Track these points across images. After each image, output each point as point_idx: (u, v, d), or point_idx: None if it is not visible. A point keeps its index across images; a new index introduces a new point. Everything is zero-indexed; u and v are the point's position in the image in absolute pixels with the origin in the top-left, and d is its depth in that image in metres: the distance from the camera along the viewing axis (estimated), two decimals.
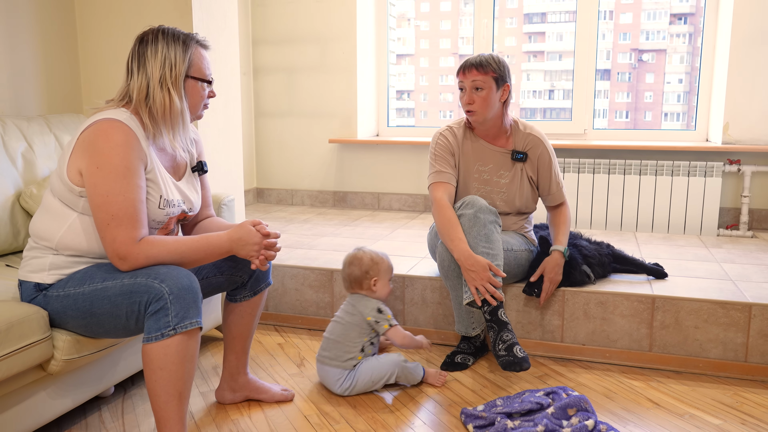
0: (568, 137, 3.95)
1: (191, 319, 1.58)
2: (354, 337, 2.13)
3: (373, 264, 2.21)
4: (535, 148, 2.40)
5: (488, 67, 2.27)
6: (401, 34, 6.00)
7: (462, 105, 2.34)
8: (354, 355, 2.13)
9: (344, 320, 2.17)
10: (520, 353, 2.07)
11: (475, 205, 2.24)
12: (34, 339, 1.61)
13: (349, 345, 2.13)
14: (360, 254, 2.24)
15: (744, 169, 3.47)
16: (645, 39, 7.53)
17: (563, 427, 1.82)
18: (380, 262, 2.23)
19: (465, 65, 2.31)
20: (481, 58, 2.29)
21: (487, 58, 2.29)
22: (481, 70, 2.27)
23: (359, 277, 2.20)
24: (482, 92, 2.28)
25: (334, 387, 2.11)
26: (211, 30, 2.83)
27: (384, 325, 2.13)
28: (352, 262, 2.23)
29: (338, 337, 2.14)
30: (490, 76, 2.27)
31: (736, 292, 2.36)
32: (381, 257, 2.25)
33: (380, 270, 2.21)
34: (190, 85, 1.74)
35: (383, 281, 2.22)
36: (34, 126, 2.49)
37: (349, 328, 2.14)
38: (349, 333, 2.14)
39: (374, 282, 2.20)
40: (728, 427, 1.91)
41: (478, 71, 2.27)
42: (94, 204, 1.60)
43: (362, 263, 2.21)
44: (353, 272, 2.22)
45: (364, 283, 2.20)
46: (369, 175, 4.29)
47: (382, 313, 2.14)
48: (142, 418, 1.99)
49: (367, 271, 2.20)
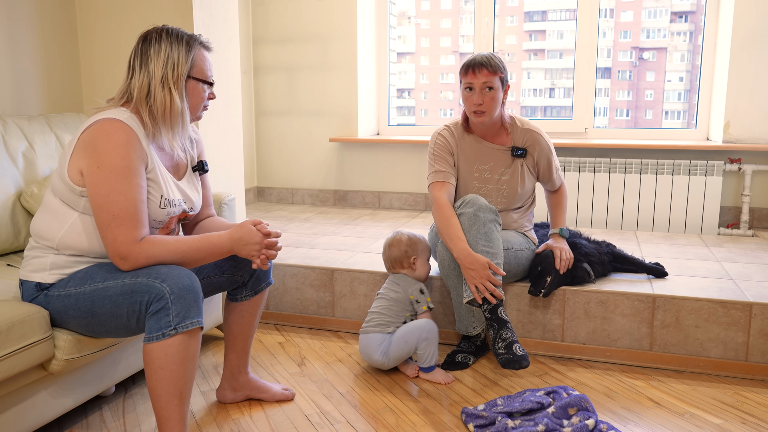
0: (568, 136, 3.94)
1: (192, 318, 1.58)
2: (397, 311, 2.28)
3: (412, 244, 2.34)
4: (534, 143, 2.41)
5: (497, 67, 2.27)
6: (402, 33, 5.99)
7: (469, 105, 2.30)
8: (399, 322, 2.27)
9: (389, 296, 2.30)
10: (519, 351, 2.08)
11: (475, 204, 2.24)
12: (35, 338, 1.61)
13: (392, 318, 2.27)
14: (399, 236, 2.37)
15: (745, 167, 3.47)
16: (646, 37, 7.52)
17: (564, 426, 1.82)
18: (418, 243, 2.36)
19: (474, 65, 2.27)
20: (489, 58, 2.27)
21: (494, 58, 2.28)
22: (491, 70, 2.25)
23: (399, 258, 2.34)
24: (492, 92, 2.27)
25: (376, 353, 2.23)
26: (211, 29, 2.83)
27: (423, 306, 2.27)
28: (392, 244, 2.37)
29: (383, 310, 2.29)
30: (498, 77, 2.27)
31: (736, 291, 2.36)
32: (418, 238, 2.37)
33: (418, 249, 2.35)
34: (191, 85, 1.74)
35: (422, 260, 2.35)
36: (35, 125, 2.49)
37: (394, 303, 2.29)
38: (393, 307, 2.29)
39: (414, 260, 2.33)
40: (729, 426, 1.91)
41: (488, 71, 2.25)
42: (95, 204, 1.60)
43: (401, 244, 2.35)
44: (393, 253, 2.35)
45: (404, 262, 2.34)
46: (369, 174, 4.29)
47: (424, 294, 2.28)
48: (143, 417, 1.99)
49: (406, 251, 2.34)
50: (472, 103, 2.28)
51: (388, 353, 2.22)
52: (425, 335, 2.20)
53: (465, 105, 2.33)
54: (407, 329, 2.23)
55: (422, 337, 2.20)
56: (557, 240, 2.45)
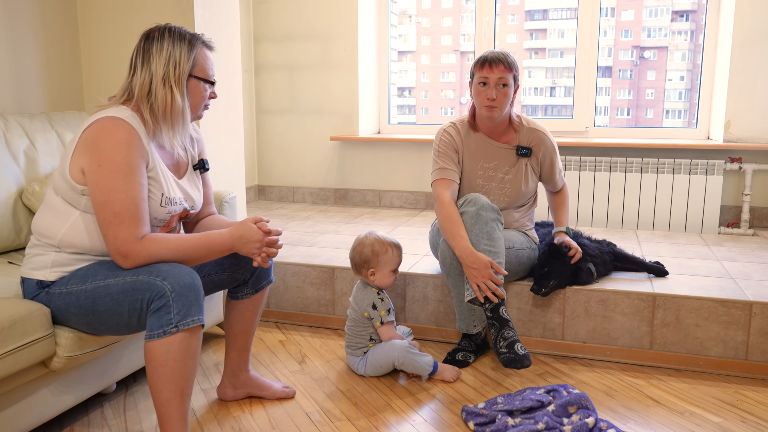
0: (569, 135, 3.95)
1: (193, 316, 1.59)
2: (360, 331, 2.25)
3: (373, 255, 2.21)
4: (540, 143, 2.41)
5: (513, 65, 2.27)
6: (402, 31, 5.99)
7: (482, 99, 2.29)
8: (364, 345, 2.24)
9: (351, 315, 2.26)
10: (521, 350, 2.08)
11: (478, 202, 2.24)
12: (37, 336, 1.61)
13: (358, 337, 2.24)
14: (365, 241, 2.24)
15: (745, 167, 3.47)
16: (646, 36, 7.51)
17: (564, 424, 1.83)
18: (381, 254, 2.21)
19: (491, 60, 2.26)
20: (506, 55, 2.27)
21: (510, 56, 2.29)
22: (507, 66, 2.26)
23: (358, 264, 2.24)
24: (505, 89, 2.28)
25: (359, 372, 2.25)
26: (213, 27, 2.83)
27: (376, 322, 2.19)
28: (355, 248, 2.26)
29: (349, 330, 2.27)
30: (512, 74, 2.28)
31: (736, 290, 2.37)
32: (385, 247, 2.22)
33: (380, 262, 2.21)
34: (192, 84, 1.74)
35: (382, 273, 2.22)
36: (36, 123, 2.50)
37: (355, 322, 2.25)
38: (356, 327, 2.25)
39: (371, 273, 2.22)
40: (728, 425, 1.92)
41: (504, 67, 2.25)
42: (96, 202, 1.60)
43: (363, 251, 2.22)
44: (354, 258, 2.25)
45: (362, 271, 2.24)
46: (370, 173, 4.30)
47: (377, 310, 2.19)
48: (144, 414, 1.99)
49: (366, 261, 2.22)
50: (485, 98, 2.28)
51: (368, 373, 2.22)
52: (395, 357, 2.16)
53: (477, 99, 2.32)
54: (376, 356, 2.19)
55: (396, 361, 2.17)
56: (564, 238, 2.46)
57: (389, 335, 2.20)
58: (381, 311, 2.19)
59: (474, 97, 2.34)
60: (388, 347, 2.18)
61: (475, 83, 2.32)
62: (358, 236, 2.29)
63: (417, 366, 2.16)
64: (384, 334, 2.20)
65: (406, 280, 2.61)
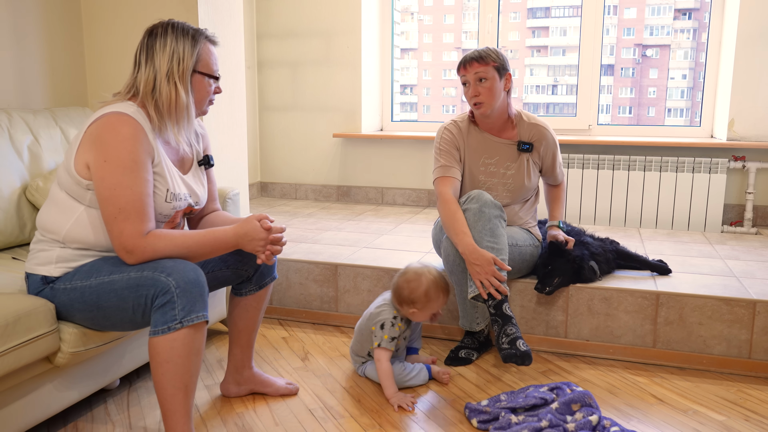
0: (572, 133, 3.94)
1: (197, 312, 1.59)
2: (363, 341, 2.17)
3: (426, 299, 2.06)
4: (541, 138, 2.42)
5: (488, 57, 2.29)
6: (405, 29, 5.97)
7: (468, 99, 2.35)
8: (364, 355, 2.19)
9: (362, 321, 2.18)
10: (522, 347, 2.08)
11: (480, 199, 2.24)
12: (41, 331, 1.62)
13: (363, 342, 2.18)
14: (422, 279, 2.06)
15: (749, 165, 3.46)
16: (649, 34, 7.50)
17: (567, 422, 1.83)
18: (433, 299, 2.07)
19: (465, 60, 2.32)
20: (480, 51, 2.32)
21: (485, 50, 2.32)
22: (482, 61, 2.29)
23: (402, 298, 2.08)
24: (486, 83, 2.29)
25: (357, 371, 2.24)
26: (216, 24, 2.82)
27: (375, 342, 2.07)
28: (410, 282, 2.07)
29: (357, 331, 2.20)
30: (491, 66, 2.28)
31: (740, 288, 2.36)
32: (439, 293, 2.08)
33: (427, 307, 2.08)
34: (197, 80, 1.74)
35: (422, 315, 2.09)
36: (40, 119, 2.50)
37: (362, 330, 2.18)
38: (362, 335, 2.18)
39: (413, 312, 2.09)
40: (731, 423, 1.92)
41: (479, 63, 2.29)
42: (101, 197, 1.60)
43: (415, 291, 2.06)
44: (402, 290, 2.07)
45: (404, 306, 2.09)
46: (373, 170, 4.29)
47: (382, 330, 2.07)
48: (148, 410, 2.00)
49: (414, 300, 2.07)
50: (470, 97, 2.33)
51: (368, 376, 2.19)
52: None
53: (468, 101, 2.37)
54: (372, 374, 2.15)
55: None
56: (557, 231, 2.49)
57: (377, 358, 2.06)
58: (384, 335, 2.06)
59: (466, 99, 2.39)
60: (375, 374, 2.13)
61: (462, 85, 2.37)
62: (413, 267, 2.10)
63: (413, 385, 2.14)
64: (375, 356, 2.07)
65: None
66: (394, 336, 2.08)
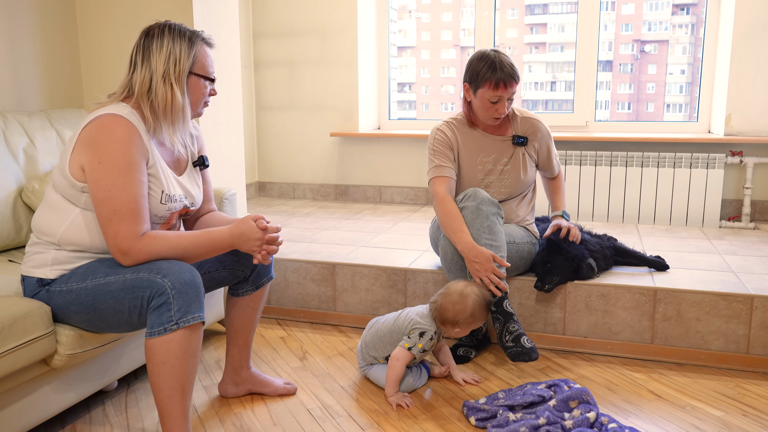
0: (569, 129, 3.94)
1: (194, 313, 1.59)
2: (386, 343, 2.10)
3: (471, 320, 2.03)
4: (535, 131, 2.43)
5: (517, 76, 2.25)
6: (402, 26, 5.97)
7: (491, 113, 2.30)
8: (377, 358, 2.14)
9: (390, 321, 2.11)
10: (527, 344, 2.08)
11: (477, 197, 2.24)
12: (38, 334, 1.62)
13: (379, 347, 2.12)
14: (467, 301, 2.01)
15: (746, 160, 3.46)
16: (647, 30, 7.49)
17: (565, 419, 1.83)
18: (479, 320, 2.04)
19: (504, 79, 2.22)
20: (513, 68, 2.24)
21: (514, 65, 2.26)
22: (518, 80, 2.25)
23: (446, 319, 2.03)
24: (511, 101, 2.30)
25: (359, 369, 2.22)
26: (211, 23, 2.82)
27: (405, 343, 2.03)
28: (455, 302, 2.01)
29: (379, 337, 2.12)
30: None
31: (738, 284, 2.36)
32: (482, 313, 2.04)
33: (469, 324, 2.04)
34: (192, 81, 1.74)
35: (464, 331, 2.06)
36: (36, 121, 2.49)
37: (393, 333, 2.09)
38: (385, 338, 2.10)
39: (456, 332, 2.06)
40: (730, 418, 1.92)
41: (516, 83, 2.25)
42: (96, 199, 1.60)
43: (460, 313, 2.01)
44: (447, 311, 2.02)
45: (447, 325, 2.04)
46: (370, 169, 4.29)
47: (421, 338, 2.02)
48: (146, 412, 2.00)
49: (458, 321, 2.02)
50: (495, 112, 2.29)
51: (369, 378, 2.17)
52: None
53: (484, 113, 2.32)
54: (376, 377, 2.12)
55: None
56: (560, 220, 2.48)
57: (397, 358, 2.02)
58: (419, 344, 2.02)
59: (479, 108, 2.32)
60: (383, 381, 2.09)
61: (482, 97, 2.28)
62: (458, 288, 2.04)
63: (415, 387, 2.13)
64: (397, 354, 2.03)
65: (406, 277, 2.61)
66: (425, 349, 2.05)
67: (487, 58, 2.26)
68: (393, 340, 2.08)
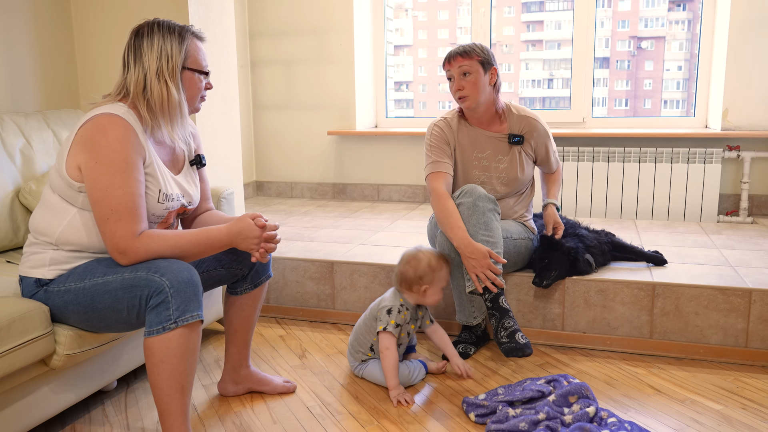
0: (567, 126, 3.94)
1: (192, 312, 1.58)
2: (364, 335, 2.16)
3: (430, 270, 2.08)
4: (532, 130, 2.42)
5: (472, 52, 2.30)
6: (399, 25, 5.97)
7: (453, 93, 2.36)
8: (364, 353, 2.16)
9: (364, 314, 2.18)
10: (522, 339, 2.08)
11: (474, 193, 2.24)
12: (36, 334, 1.61)
13: (361, 339, 2.17)
14: (420, 255, 2.11)
15: (743, 155, 3.46)
16: (644, 26, 7.51)
17: (564, 414, 1.83)
18: (438, 270, 2.10)
19: (449, 55, 2.34)
20: (464, 46, 2.33)
21: (470, 45, 2.33)
22: (466, 56, 2.30)
23: (410, 280, 2.09)
24: (470, 77, 2.30)
25: (354, 372, 2.21)
26: (207, 23, 2.82)
27: (380, 326, 2.07)
28: (409, 261, 2.11)
29: (356, 329, 2.19)
30: (476, 60, 2.29)
31: (736, 278, 2.36)
32: (441, 264, 2.11)
33: (435, 279, 2.09)
34: (187, 76, 1.73)
35: (435, 289, 2.11)
36: (32, 122, 2.49)
37: (365, 323, 2.16)
38: (362, 329, 2.17)
39: (425, 290, 2.10)
40: (729, 412, 1.92)
41: (463, 57, 2.30)
42: (93, 199, 1.60)
43: (418, 267, 2.08)
44: (407, 272, 2.10)
45: (414, 287, 2.10)
46: (368, 167, 4.29)
47: (389, 315, 2.08)
48: (145, 411, 2.00)
49: (421, 276, 2.08)
50: (454, 90, 2.33)
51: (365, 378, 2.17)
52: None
53: (452, 95, 2.37)
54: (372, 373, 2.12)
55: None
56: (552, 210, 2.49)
57: (385, 345, 2.05)
58: (391, 320, 2.06)
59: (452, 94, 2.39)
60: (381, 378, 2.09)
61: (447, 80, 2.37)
62: (408, 251, 2.15)
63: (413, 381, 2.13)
64: (381, 342, 2.06)
65: None
66: (399, 323, 2.08)
67: None
68: (369, 327, 2.14)
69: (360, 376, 2.18)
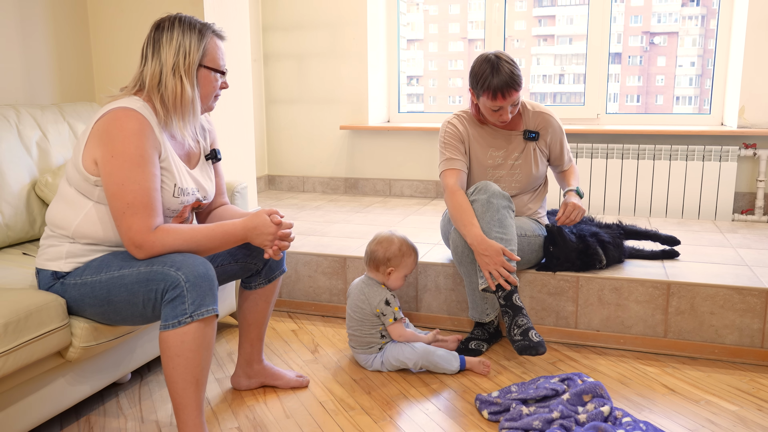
0: (580, 122, 3.91)
1: (207, 306, 1.59)
2: (369, 329, 2.19)
3: (399, 254, 2.20)
4: (547, 126, 2.40)
5: (520, 79, 2.19)
6: (410, 19, 5.95)
7: (495, 119, 2.27)
8: (377, 342, 2.19)
9: (357, 314, 2.20)
10: (535, 338, 2.07)
11: (488, 190, 2.23)
12: (53, 327, 1.62)
13: (368, 336, 2.19)
14: (392, 239, 2.22)
15: (760, 153, 3.43)
16: (657, 22, 7.44)
17: (579, 413, 1.82)
18: (406, 256, 2.21)
19: (503, 88, 2.16)
20: (512, 76, 2.17)
21: (515, 71, 2.18)
22: (518, 88, 2.20)
23: (378, 260, 2.20)
24: (516, 105, 2.26)
25: (371, 368, 2.21)
26: (221, 16, 2.82)
27: (389, 318, 2.16)
28: (381, 242, 2.22)
29: (356, 331, 2.21)
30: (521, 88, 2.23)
31: (752, 277, 2.34)
32: (410, 250, 2.23)
33: (401, 264, 2.20)
34: (203, 74, 1.73)
35: (398, 275, 2.21)
36: (48, 115, 2.50)
37: (362, 322, 2.19)
38: (363, 327, 2.19)
39: (389, 272, 2.20)
40: (744, 413, 1.90)
41: (516, 90, 2.19)
42: (109, 193, 1.60)
43: (389, 249, 2.20)
44: (377, 251, 2.20)
45: (380, 267, 2.20)
46: (380, 162, 4.28)
47: (390, 306, 2.16)
48: (159, 404, 2.00)
49: (389, 258, 2.19)
50: (500, 118, 2.26)
51: (386, 367, 2.19)
52: (413, 362, 2.15)
53: (489, 117, 2.29)
54: (393, 356, 2.16)
55: (414, 366, 2.16)
56: (572, 196, 2.37)
57: (399, 332, 2.17)
58: (394, 307, 2.16)
59: (485, 112, 2.29)
60: (407, 351, 2.15)
61: (484, 104, 2.25)
62: (381, 233, 2.26)
63: (442, 367, 2.15)
64: (394, 332, 2.17)
65: (418, 270, 2.61)
66: (399, 305, 2.20)
67: (487, 64, 2.19)
68: (372, 323, 2.19)
69: (380, 367, 2.19)
